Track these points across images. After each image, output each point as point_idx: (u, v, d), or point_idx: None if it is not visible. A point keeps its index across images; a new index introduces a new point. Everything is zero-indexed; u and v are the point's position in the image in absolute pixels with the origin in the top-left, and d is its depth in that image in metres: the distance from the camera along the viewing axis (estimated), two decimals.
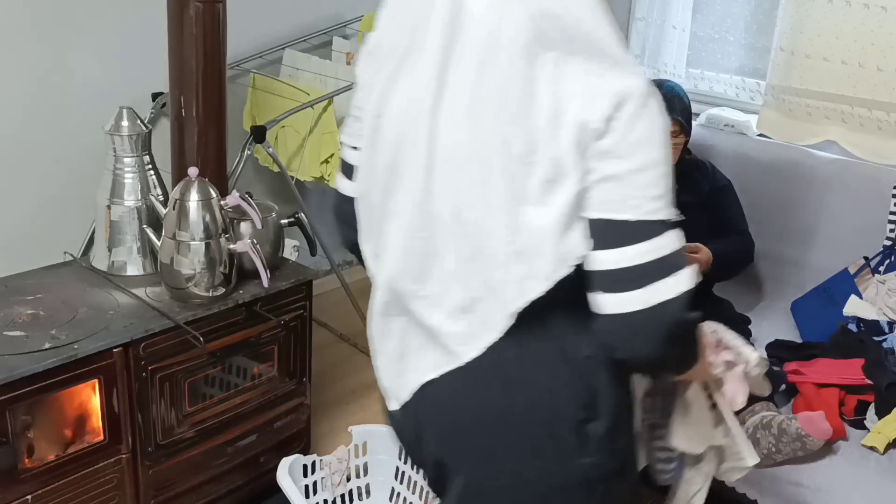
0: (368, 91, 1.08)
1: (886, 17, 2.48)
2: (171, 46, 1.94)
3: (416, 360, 1.14)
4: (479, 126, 0.97)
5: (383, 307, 1.14)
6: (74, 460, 1.75)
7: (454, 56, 0.97)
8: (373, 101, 1.06)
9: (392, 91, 1.04)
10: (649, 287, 0.98)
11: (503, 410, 1.09)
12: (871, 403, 2.01)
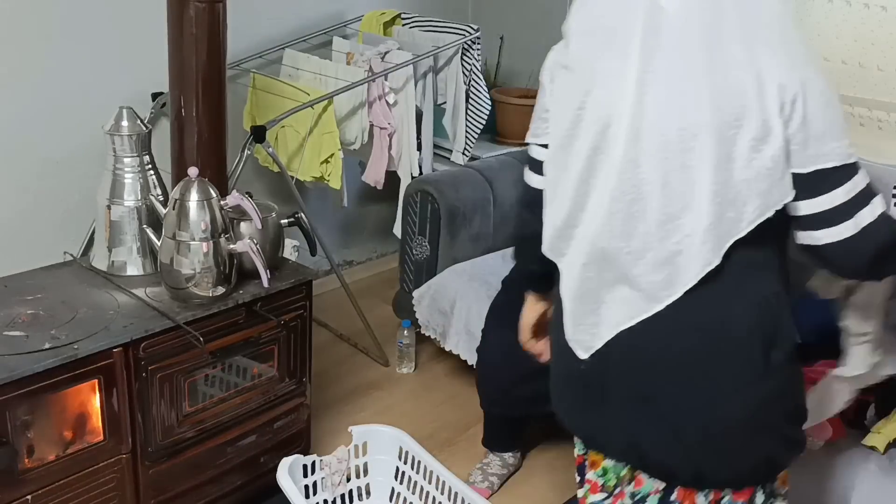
0: (564, 93, 1.31)
1: (886, 17, 2.48)
2: (171, 46, 1.94)
3: (613, 311, 1.31)
4: (686, 103, 1.17)
5: (583, 266, 1.31)
6: (74, 460, 1.75)
7: (654, 48, 1.17)
8: (573, 99, 1.27)
9: (593, 87, 1.24)
10: (856, 216, 1.21)
11: (698, 347, 1.29)
12: (871, 403, 2.01)
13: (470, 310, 2.57)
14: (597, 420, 1.42)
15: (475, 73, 2.95)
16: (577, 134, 1.28)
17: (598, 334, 1.33)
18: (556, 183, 1.34)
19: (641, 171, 1.21)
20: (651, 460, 1.40)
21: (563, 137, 1.31)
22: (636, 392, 1.35)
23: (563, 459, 2.51)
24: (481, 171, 2.93)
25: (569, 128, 1.29)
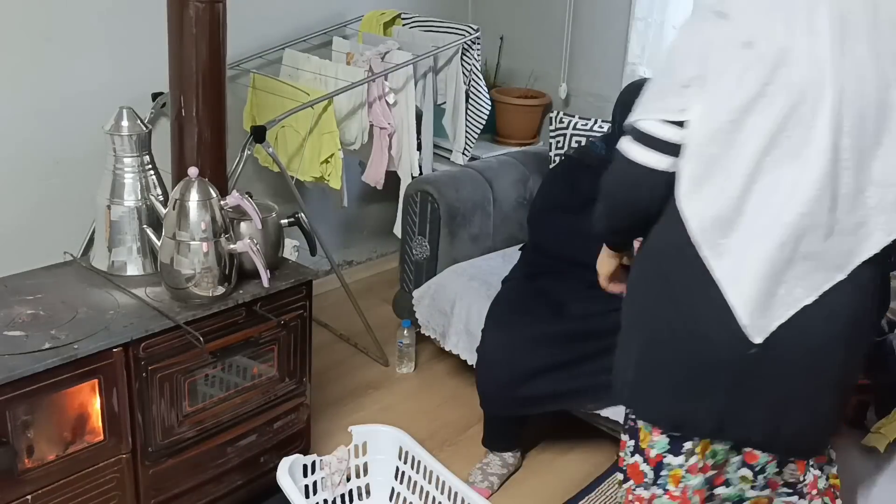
0: (735, 70, 1.28)
1: None
2: (171, 46, 1.94)
3: (795, 289, 1.36)
4: (882, 81, 1.26)
5: (779, 247, 1.33)
6: (74, 460, 1.75)
7: (845, 26, 1.26)
8: (752, 75, 1.27)
9: (781, 64, 1.26)
10: None
11: (857, 322, 1.40)
12: (870, 403, 2.01)
13: (470, 310, 2.57)
14: (738, 407, 1.44)
15: (475, 73, 2.95)
16: (754, 110, 1.28)
17: (778, 315, 1.36)
18: (715, 162, 1.32)
19: (842, 149, 1.27)
20: (791, 446, 1.52)
21: (735, 113, 1.29)
22: (793, 375, 1.41)
23: (563, 459, 2.51)
24: (481, 171, 2.93)
25: (743, 105, 1.28)
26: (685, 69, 1.34)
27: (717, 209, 1.34)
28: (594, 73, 3.32)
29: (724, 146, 1.31)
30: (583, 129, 2.88)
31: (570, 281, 2.31)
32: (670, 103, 1.35)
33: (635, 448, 1.62)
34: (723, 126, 1.31)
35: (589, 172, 2.37)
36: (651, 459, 1.58)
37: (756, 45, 1.28)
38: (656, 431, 1.56)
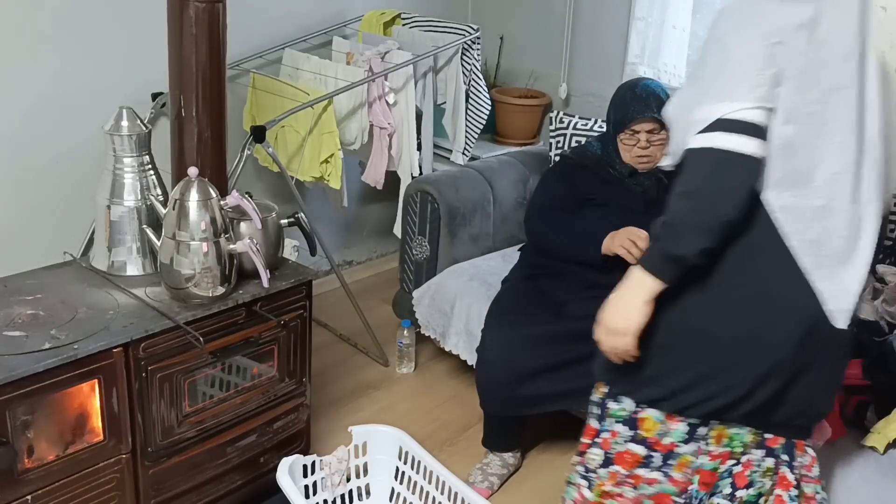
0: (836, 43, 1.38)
1: (886, 18, 2.48)
2: (171, 46, 1.94)
3: (857, 269, 1.45)
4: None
5: (877, 219, 1.45)
6: (74, 460, 1.75)
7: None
8: (841, 48, 1.39)
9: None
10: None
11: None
12: (870, 404, 2.01)
13: (470, 310, 2.57)
14: (783, 395, 1.50)
15: (475, 73, 2.95)
16: (842, 86, 1.38)
17: (855, 293, 1.46)
18: (810, 141, 1.39)
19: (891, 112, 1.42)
20: (810, 423, 1.61)
21: (823, 93, 1.37)
22: (839, 356, 1.53)
23: (563, 459, 2.51)
24: (481, 171, 2.93)
25: (832, 85, 1.37)
26: (769, 56, 1.36)
27: (849, 177, 1.43)
28: (594, 73, 3.32)
29: (818, 123, 1.39)
30: (583, 129, 2.88)
31: (570, 281, 2.31)
32: (762, 93, 1.35)
33: (633, 437, 1.62)
34: (809, 106, 1.38)
35: (586, 172, 2.38)
36: (664, 447, 1.59)
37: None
38: (674, 420, 1.56)
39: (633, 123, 2.24)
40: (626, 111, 2.26)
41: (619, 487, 1.66)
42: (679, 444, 1.58)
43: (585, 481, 1.73)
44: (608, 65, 3.25)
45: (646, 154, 2.27)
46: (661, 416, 1.57)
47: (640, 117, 2.23)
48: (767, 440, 1.58)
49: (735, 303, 1.45)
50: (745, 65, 1.36)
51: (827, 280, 1.43)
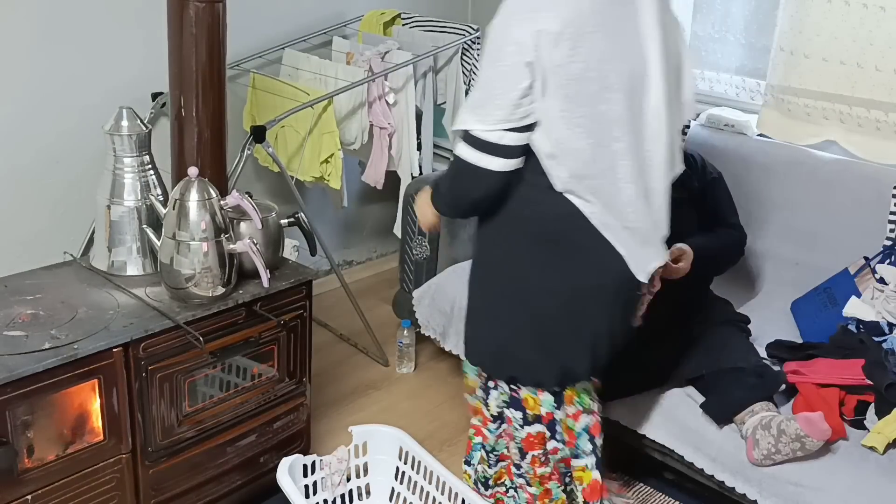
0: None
1: (885, 17, 2.48)
2: (171, 46, 1.94)
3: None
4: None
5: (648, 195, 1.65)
6: (74, 460, 1.75)
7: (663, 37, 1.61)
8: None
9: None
10: None
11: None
12: (870, 404, 2.01)
13: None
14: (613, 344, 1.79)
15: (475, 73, 2.95)
16: (609, 92, 1.60)
17: (659, 258, 1.73)
18: (585, 143, 1.60)
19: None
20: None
21: (590, 100, 1.58)
22: (633, 307, 1.80)
23: None
24: None
25: (599, 92, 1.59)
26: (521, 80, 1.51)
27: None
28: None
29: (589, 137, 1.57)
30: None
31: None
32: (509, 115, 1.53)
33: (524, 419, 1.82)
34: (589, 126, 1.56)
35: None
36: (544, 418, 1.81)
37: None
38: (541, 392, 1.78)
39: None
40: None
41: (545, 468, 1.87)
42: (553, 412, 1.81)
43: (522, 479, 1.91)
44: None
45: None
46: (534, 392, 1.78)
47: None
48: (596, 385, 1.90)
49: (568, 285, 1.67)
50: (496, 88, 1.53)
51: (631, 252, 1.65)
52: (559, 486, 1.90)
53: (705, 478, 2.11)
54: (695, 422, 2.09)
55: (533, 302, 1.70)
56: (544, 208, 1.62)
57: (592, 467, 1.88)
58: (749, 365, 2.09)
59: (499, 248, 1.72)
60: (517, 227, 1.67)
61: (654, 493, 2.34)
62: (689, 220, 2.33)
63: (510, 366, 1.78)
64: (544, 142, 1.55)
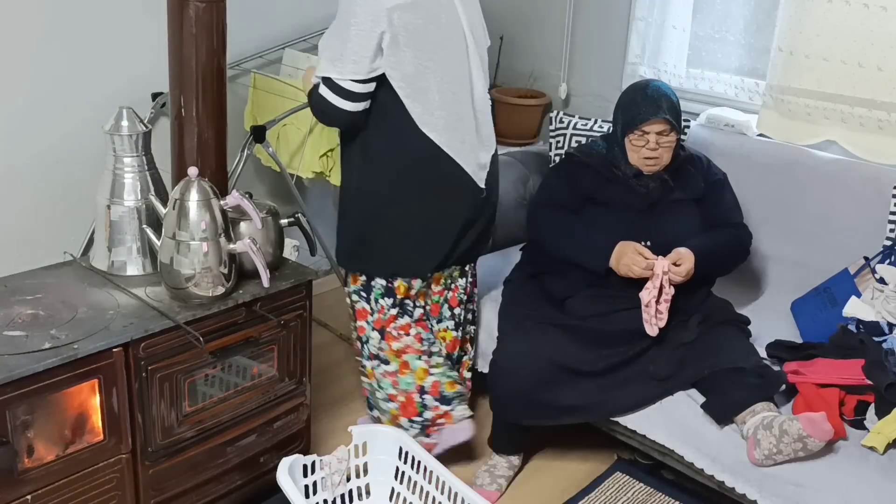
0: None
1: (886, 17, 2.48)
2: (171, 46, 1.94)
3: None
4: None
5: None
6: (74, 460, 1.75)
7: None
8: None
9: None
10: None
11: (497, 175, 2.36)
12: (870, 404, 2.01)
13: None
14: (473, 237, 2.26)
15: None
16: (445, 46, 2.12)
17: (484, 166, 2.21)
18: (430, 82, 2.06)
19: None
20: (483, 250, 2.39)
21: (433, 51, 2.08)
22: (481, 205, 2.24)
23: (563, 459, 2.51)
24: None
25: (439, 46, 2.09)
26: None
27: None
28: (594, 73, 3.32)
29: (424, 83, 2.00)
30: (583, 129, 2.88)
31: (571, 278, 2.30)
32: (362, 68, 1.94)
33: (394, 303, 2.21)
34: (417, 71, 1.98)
35: (590, 171, 2.37)
36: (413, 297, 2.24)
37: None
38: (414, 279, 2.20)
39: (643, 124, 2.23)
40: (636, 112, 2.26)
41: (400, 342, 2.23)
42: (411, 291, 2.22)
43: (376, 360, 2.29)
44: (608, 65, 3.25)
45: (653, 156, 2.26)
46: (407, 280, 2.19)
47: (652, 118, 2.22)
48: (466, 269, 2.33)
49: (429, 189, 2.10)
50: (353, 41, 1.91)
51: (470, 163, 2.13)
52: (417, 357, 2.24)
53: (705, 478, 2.11)
54: (695, 422, 2.09)
55: (393, 207, 2.12)
56: (407, 138, 2.03)
57: (451, 328, 2.34)
58: (750, 365, 2.09)
59: (375, 173, 2.11)
60: (384, 156, 2.09)
61: (654, 493, 2.35)
62: (694, 220, 2.33)
63: (369, 258, 2.20)
64: (400, 84, 1.98)
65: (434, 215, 2.14)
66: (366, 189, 2.13)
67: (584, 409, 2.20)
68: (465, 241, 2.21)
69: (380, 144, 2.07)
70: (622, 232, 2.25)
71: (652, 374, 2.16)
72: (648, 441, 2.21)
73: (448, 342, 2.37)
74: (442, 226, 2.16)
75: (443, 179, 2.10)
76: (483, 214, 2.24)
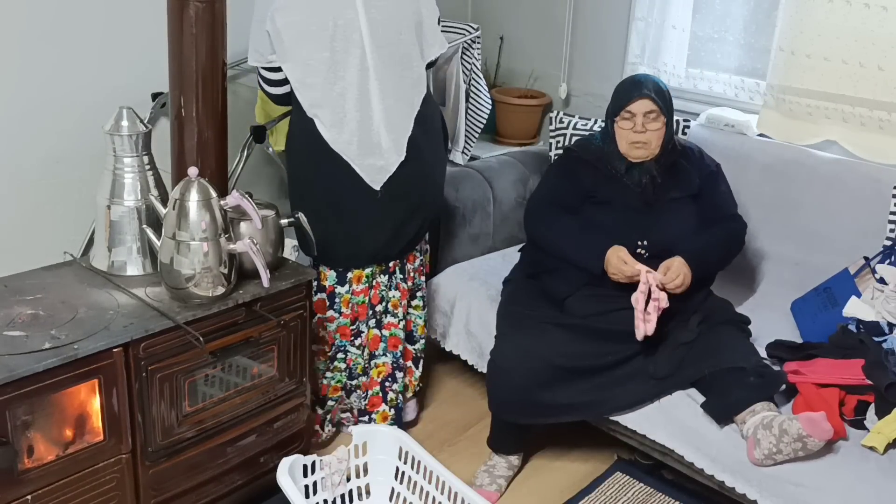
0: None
1: (887, 17, 2.48)
2: (171, 46, 1.94)
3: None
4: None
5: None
6: (74, 460, 1.75)
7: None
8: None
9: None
10: None
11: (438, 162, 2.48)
12: (870, 404, 2.01)
13: (470, 310, 2.57)
14: (393, 236, 2.34)
15: (475, 72, 2.95)
16: (342, 43, 2.19)
17: (383, 169, 2.26)
18: (322, 79, 2.16)
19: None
20: (409, 248, 2.42)
21: (327, 48, 2.18)
22: (398, 205, 2.32)
23: (563, 459, 2.51)
24: (481, 171, 2.93)
25: (332, 43, 2.18)
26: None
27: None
28: (594, 73, 3.32)
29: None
30: (583, 129, 2.88)
31: (570, 277, 2.30)
32: (265, 60, 2.16)
33: (318, 286, 2.33)
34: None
35: (589, 167, 2.37)
36: (327, 289, 2.33)
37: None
38: (328, 269, 2.32)
39: (629, 104, 2.27)
40: (622, 95, 2.31)
41: (325, 331, 2.35)
42: (336, 286, 2.33)
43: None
44: (608, 65, 3.25)
45: (640, 139, 2.27)
46: (323, 267, 2.33)
47: (636, 96, 2.27)
48: (389, 267, 2.37)
49: (328, 182, 2.21)
50: (252, 35, 2.14)
51: (361, 164, 2.19)
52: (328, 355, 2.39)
53: (705, 478, 2.11)
54: (695, 422, 2.09)
55: (308, 196, 2.27)
56: (306, 124, 2.17)
57: (373, 326, 2.41)
58: (750, 365, 2.09)
59: (291, 151, 2.30)
60: (295, 136, 2.27)
61: (654, 493, 2.35)
62: (690, 217, 2.33)
63: (304, 241, 2.27)
64: (290, 77, 2.14)
65: (331, 202, 2.23)
66: (289, 167, 2.35)
67: (581, 408, 2.20)
68: (366, 238, 2.26)
69: (293, 124, 2.27)
70: (619, 231, 2.25)
71: (651, 373, 2.16)
72: (648, 441, 2.21)
73: (369, 340, 2.43)
74: (338, 215, 2.24)
75: (334, 166, 2.18)
76: (396, 217, 2.27)
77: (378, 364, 2.44)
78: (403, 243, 2.34)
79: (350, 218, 2.24)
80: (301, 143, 2.23)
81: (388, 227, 2.27)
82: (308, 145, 2.19)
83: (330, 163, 2.18)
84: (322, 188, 2.22)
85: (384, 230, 2.27)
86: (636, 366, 2.18)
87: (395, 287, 2.41)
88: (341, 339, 2.38)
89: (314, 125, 2.16)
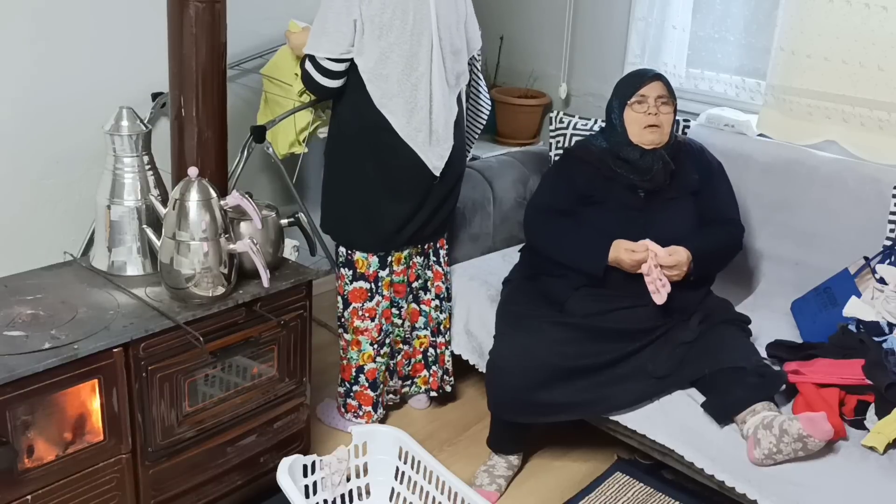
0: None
1: (887, 17, 2.48)
2: (171, 46, 1.94)
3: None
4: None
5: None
6: (74, 460, 1.75)
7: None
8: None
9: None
10: None
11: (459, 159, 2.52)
12: (870, 404, 2.00)
13: (470, 310, 2.57)
14: (425, 221, 2.45)
15: (475, 72, 2.94)
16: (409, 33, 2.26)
17: (442, 157, 2.37)
18: (392, 70, 2.26)
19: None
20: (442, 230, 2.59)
21: (396, 38, 2.27)
22: (442, 192, 2.45)
23: (563, 459, 2.51)
24: (481, 171, 2.93)
25: (402, 32, 2.25)
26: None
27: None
28: (594, 73, 3.33)
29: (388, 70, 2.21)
30: (583, 129, 2.88)
31: (569, 278, 2.30)
32: (338, 50, 2.18)
33: (354, 275, 2.41)
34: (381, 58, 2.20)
35: (588, 169, 2.37)
36: (370, 276, 2.41)
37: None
38: (371, 256, 2.39)
39: (641, 87, 2.30)
40: (631, 82, 2.35)
41: (363, 322, 2.43)
42: (378, 271, 2.41)
43: (339, 321, 2.50)
44: (608, 65, 3.26)
45: (654, 122, 2.28)
46: (364, 255, 2.39)
47: (649, 78, 2.32)
48: (424, 248, 2.52)
49: (383, 160, 2.29)
50: (330, 25, 2.16)
51: (427, 152, 2.30)
52: (370, 343, 2.45)
53: (705, 478, 2.11)
54: (695, 422, 2.09)
55: (351, 176, 2.34)
56: (368, 116, 2.24)
57: (412, 301, 2.54)
58: (750, 365, 2.09)
59: (344, 143, 2.34)
60: (351, 128, 2.31)
61: (654, 493, 2.35)
62: (690, 216, 2.33)
63: (346, 233, 2.42)
64: (363, 69, 2.19)
65: (389, 188, 2.32)
66: (332, 156, 2.39)
67: (581, 407, 2.20)
68: (415, 220, 2.38)
69: (346, 117, 2.31)
70: (618, 231, 2.25)
71: (651, 372, 2.16)
72: (648, 441, 2.21)
73: (409, 314, 2.56)
74: (395, 201, 2.33)
75: (395, 154, 2.28)
76: (438, 198, 2.40)
77: (419, 336, 2.58)
78: (437, 224, 2.47)
79: (400, 204, 2.34)
80: (352, 131, 2.30)
81: (428, 209, 2.40)
82: (363, 133, 2.28)
83: (388, 151, 2.27)
84: (371, 169, 2.30)
85: (425, 213, 2.39)
86: (636, 365, 2.18)
87: (428, 267, 2.54)
88: (386, 322, 2.47)
89: (372, 114, 2.24)
